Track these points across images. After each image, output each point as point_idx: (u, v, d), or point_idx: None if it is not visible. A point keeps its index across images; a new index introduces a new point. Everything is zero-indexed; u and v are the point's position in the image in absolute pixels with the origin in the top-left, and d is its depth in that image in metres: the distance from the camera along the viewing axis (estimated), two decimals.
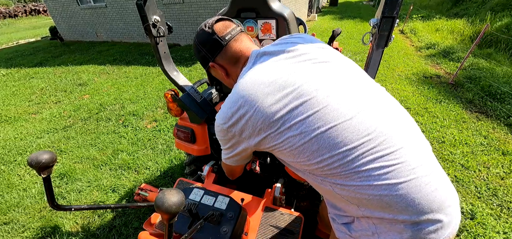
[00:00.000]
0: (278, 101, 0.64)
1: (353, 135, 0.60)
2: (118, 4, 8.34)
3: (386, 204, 0.60)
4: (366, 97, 0.66)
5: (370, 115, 0.62)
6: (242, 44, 0.79)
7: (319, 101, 0.62)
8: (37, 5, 23.85)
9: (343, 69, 0.70)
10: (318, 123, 0.61)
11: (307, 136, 0.62)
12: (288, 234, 1.09)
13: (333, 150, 0.61)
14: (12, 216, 2.13)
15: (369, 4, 17.20)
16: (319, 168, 0.64)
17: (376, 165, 0.59)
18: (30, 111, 4.11)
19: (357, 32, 8.35)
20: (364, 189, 0.60)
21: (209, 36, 0.76)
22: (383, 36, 1.06)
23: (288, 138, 0.64)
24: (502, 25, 6.36)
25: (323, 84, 0.64)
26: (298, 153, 0.65)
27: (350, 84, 0.67)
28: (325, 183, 0.67)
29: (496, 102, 3.48)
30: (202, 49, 0.79)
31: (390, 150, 0.59)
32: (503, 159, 2.54)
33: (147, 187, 1.33)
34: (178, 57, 6.57)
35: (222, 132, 0.74)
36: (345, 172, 0.61)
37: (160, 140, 3.03)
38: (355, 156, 0.60)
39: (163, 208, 0.52)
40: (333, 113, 0.61)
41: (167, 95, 1.41)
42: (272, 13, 1.17)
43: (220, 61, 0.80)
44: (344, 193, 0.64)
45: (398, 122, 0.65)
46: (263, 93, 0.65)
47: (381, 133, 0.60)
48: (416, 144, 0.63)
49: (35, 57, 7.73)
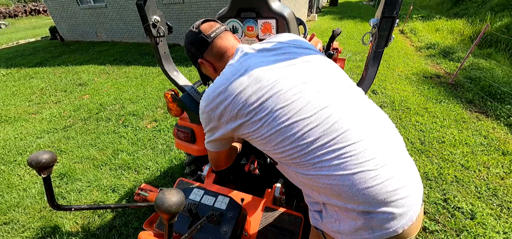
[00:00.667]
0: (253, 93, 0.71)
1: (312, 130, 0.67)
2: (118, 4, 8.34)
3: (337, 193, 0.66)
4: (336, 95, 0.72)
5: (335, 112, 0.68)
6: (227, 41, 0.87)
7: (288, 97, 0.69)
8: (37, 5, 23.85)
9: (321, 70, 0.77)
10: (284, 117, 0.68)
11: (273, 128, 0.70)
12: (288, 234, 1.09)
13: (294, 143, 0.68)
14: (12, 216, 2.13)
15: (369, 4, 17.20)
16: (283, 157, 0.72)
17: (328, 157, 0.66)
18: (30, 111, 4.11)
19: (357, 32, 8.35)
20: (318, 178, 0.67)
21: (196, 35, 0.86)
22: (383, 36, 1.06)
23: (258, 128, 0.72)
24: (502, 25, 6.36)
25: (296, 82, 0.71)
26: (267, 142, 0.72)
27: (323, 82, 0.73)
28: (290, 171, 0.76)
29: (496, 102, 3.48)
30: (191, 48, 0.88)
31: (344, 144, 0.65)
32: (503, 159, 2.54)
33: (147, 187, 1.33)
34: (178, 57, 6.57)
35: (204, 114, 0.81)
36: (303, 162, 0.69)
37: (160, 140, 3.03)
38: (312, 148, 0.67)
39: (163, 208, 0.52)
40: (298, 109, 0.68)
41: (167, 95, 1.41)
42: (272, 13, 1.17)
43: (208, 57, 0.88)
44: (305, 181, 0.72)
45: (361, 118, 0.70)
46: (241, 85, 0.73)
47: (340, 127, 0.66)
48: (376, 139, 0.68)
49: (35, 57, 7.73)
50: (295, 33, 1.24)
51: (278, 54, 0.78)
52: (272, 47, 0.81)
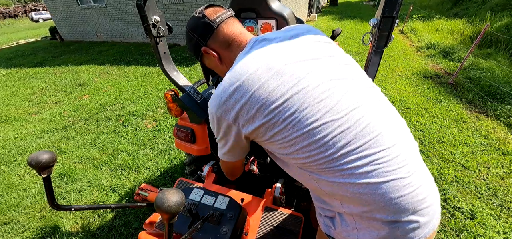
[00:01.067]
0: (275, 89, 0.62)
1: (343, 133, 0.60)
2: (118, 4, 8.34)
3: (366, 202, 0.61)
4: (364, 95, 0.65)
5: (366, 113, 0.62)
6: (234, 27, 0.77)
7: (316, 95, 0.61)
8: (37, 5, 23.87)
9: (346, 66, 0.69)
10: (312, 118, 0.60)
11: (299, 130, 0.61)
12: (288, 234, 1.09)
13: (322, 147, 0.61)
14: (12, 216, 2.13)
15: (369, 4, 17.20)
16: (307, 163, 0.64)
17: (359, 163, 0.60)
18: (30, 111, 4.11)
19: (357, 32, 8.35)
20: (346, 187, 0.61)
21: (199, 20, 0.76)
22: (383, 36, 1.06)
23: (281, 130, 0.63)
24: (502, 25, 6.36)
25: (323, 78, 0.63)
26: (289, 146, 0.64)
27: (351, 81, 0.66)
28: (311, 178, 0.68)
29: (496, 102, 3.48)
30: (194, 35, 0.78)
31: (377, 149, 0.60)
32: (503, 159, 2.54)
33: (147, 187, 1.33)
34: (178, 57, 6.57)
35: (215, 119, 0.70)
36: (330, 168, 0.62)
37: (160, 140, 3.03)
38: (342, 153, 0.60)
39: (163, 208, 0.52)
40: (328, 109, 0.61)
41: (167, 95, 1.41)
42: (272, 13, 1.17)
43: (212, 45, 0.78)
44: (329, 189, 0.65)
45: (390, 121, 0.66)
46: (260, 78, 0.62)
47: (372, 131, 0.61)
48: (404, 144, 0.64)
49: (35, 57, 7.73)
50: None
51: (299, 46, 0.69)
52: (292, 36, 0.71)
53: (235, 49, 0.76)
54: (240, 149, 0.77)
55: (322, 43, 0.72)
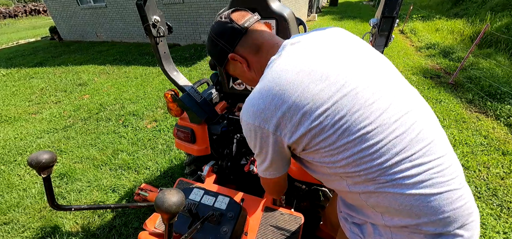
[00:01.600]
0: (321, 90, 0.56)
1: (397, 139, 0.55)
2: (118, 4, 8.34)
3: (415, 214, 0.57)
4: (412, 98, 0.61)
5: (418, 119, 0.58)
6: (263, 31, 0.73)
7: (367, 97, 0.56)
8: (37, 5, 23.86)
9: (386, 67, 0.65)
10: (365, 122, 0.55)
11: (351, 135, 0.56)
12: (288, 234, 1.09)
13: (375, 153, 0.55)
14: (12, 216, 2.13)
15: (369, 4, 17.20)
16: (357, 171, 0.58)
17: (413, 172, 0.55)
18: (30, 111, 4.11)
19: (357, 32, 8.35)
20: (396, 197, 0.57)
21: (226, 24, 0.71)
22: (383, 36, 1.07)
23: (329, 136, 0.57)
24: (502, 25, 6.35)
25: (369, 80, 0.59)
26: (338, 153, 0.58)
27: (396, 82, 0.62)
28: (354, 189, 0.62)
29: (496, 102, 3.48)
30: (220, 41, 0.72)
31: (431, 158, 0.56)
32: (503, 159, 2.54)
33: (147, 187, 1.33)
34: (178, 57, 6.57)
35: (252, 131, 0.64)
36: (381, 178, 0.57)
37: (160, 140, 3.03)
38: (396, 161, 0.55)
39: (163, 208, 0.52)
40: (379, 112, 0.56)
41: (167, 95, 1.41)
42: (272, 13, 1.17)
43: (241, 51, 0.73)
44: (373, 201, 0.60)
45: (438, 128, 0.61)
46: (303, 81, 0.57)
47: (425, 137, 0.57)
48: (453, 154, 0.61)
49: (35, 57, 7.73)
50: (295, 33, 1.24)
51: (337, 46, 0.64)
52: (327, 36, 0.67)
53: (265, 54, 0.72)
54: (283, 161, 0.71)
55: (357, 42, 0.69)
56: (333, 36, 0.68)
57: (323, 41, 0.66)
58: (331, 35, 0.69)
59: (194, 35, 7.68)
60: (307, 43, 0.66)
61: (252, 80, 0.78)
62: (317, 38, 0.67)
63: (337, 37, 0.68)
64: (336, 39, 0.67)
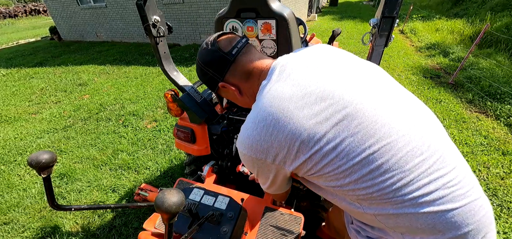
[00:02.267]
0: (317, 114, 0.54)
1: (408, 154, 0.52)
2: (118, 4, 8.34)
3: (439, 230, 0.53)
4: (412, 110, 0.58)
5: (422, 130, 0.55)
6: (252, 56, 0.71)
7: (367, 114, 0.53)
8: (37, 5, 23.86)
9: (382, 79, 0.63)
10: (369, 140, 0.52)
11: (357, 156, 0.52)
12: (288, 234, 1.09)
13: (388, 172, 0.52)
14: (12, 216, 2.13)
15: (369, 4, 17.20)
16: (368, 194, 0.55)
17: (431, 188, 0.52)
18: (30, 111, 4.11)
19: (357, 32, 8.35)
20: (417, 217, 0.53)
21: (214, 53, 0.68)
22: (383, 36, 1.07)
23: (333, 159, 0.54)
24: (502, 25, 6.35)
25: (366, 95, 0.56)
26: (344, 176, 0.55)
27: (394, 95, 0.59)
28: (369, 211, 0.58)
29: (496, 102, 3.48)
30: (208, 70, 0.70)
31: (445, 171, 0.53)
32: (503, 159, 2.54)
33: (147, 187, 1.33)
34: (178, 57, 6.57)
35: (250, 161, 0.63)
36: (397, 198, 0.53)
37: (160, 140, 3.03)
38: (411, 179, 0.52)
39: (163, 208, 0.52)
40: (384, 128, 0.53)
41: (167, 95, 1.41)
42: (272, 13, 1.17)
43: (231, 79, 0.71)
44: (391, 222, 0.56)
45: (446, 137, 0.58)
46: (297, 107, 0.55)
47: (435, 151, 0.54)
48: (464, 163, 0.58)
49: (35, 57, 7.73)
50: (295, 33, 1.24)
51: (327, 64, 0.62)
52: (318, 57, 0.64)
53: (256, 79, 0.70)
54: (285, 181, 0.70)
55: (346, 57, 0.66)
56: (320, 54, 0.66)
57: (312, 60, 0.63)
58: (318, 53, 0.66)
59: (194, 35, 7.68)
60: (296, 64, 0.63)
61: (246, 104, 0.77)
62: (305, 57, 0.65)
63: (325, 55, 0.65)
64: (325, 56, 0.64)
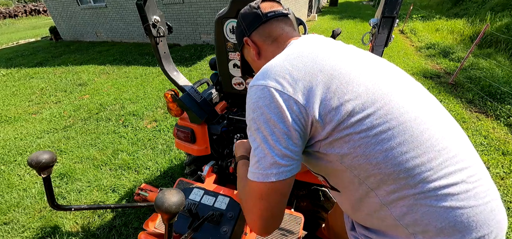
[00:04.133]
0: (359, 75, 0.53)
1: (435, 137, 0.51)
2: (118, 4, 8.34)
3: (458, 230, 0.50)
4: (428, 103, 0.58)
5: (444, 122, 0.55)
6: (285, 25, 0.72)
7: (387, 97, 0.52)
8: (37, 5, 23.86)
9: (396, 70, 0.63)
10: (402, 117, 0.51)
11: (394, 120, 0.50)
12: (288, 234, 1.09)
13: (416, 149, 0.50)
14: (12, 216, 2.13)
15: (369, 4, 17.20)
16: (394, 173, 0.51)
17: (456, 178, 0.49)
18: (30, 111, 4.11)
19: (357, 32, 8.35)
20: (439, 212, 0.49)
21: (252, 9, 0.72)
22: (383, 36, 1.07)
23: (370, 115, 0.51)
24: (502, 25, 6.35)
25: (384, 80, 0.55)
26: (375, 142, 0.51)
27: (410, 86, 0.59)
28: (383, 203, 0.54)
29: (496, 102, 3.48)
30: (242, 23, 0.74)
31: (467, 164, 0.52)
32: (503, 159, 2.54)
33: (147, 187, 1.33)
34: (178, 57, 6.57)
35: (261, 97, 0.53)
36: (423, 186, 0.50)
37: (160, 140, 3.03)
38: (439, 165, 0.49)
39: (163, 208, 0.52)
40: (402, 110, 0.51)
41: (167, 95, 1.41)
42: None
43: (255, 38, 0.72)
44: (409, 218, 0.52)
45: (458, 131, 0.57)
46: (338, 58, 0.55)
47: (458, 141, 0.53)
48: (481, 161, 0.57)
49: (35, 57, 7.73)
50: None
51: (343, 49, 0.63)
52: (334, 43, 0.66)
53: (282, 45, 0.70)
54: (297, 146, 0.61)
55: (364, 51, 0.67)
56: (340, 43, 0.67)
57: (331, 43, 0.65)
58: (339, 43, 0.67)
59: (194, 35, 7.68)
60: (317, 39, 0.65)
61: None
62: (326, 39, 0.66)
63: (344, 45, 0.67)
64: (344, 45, 0.66)
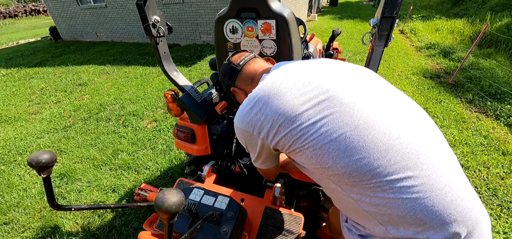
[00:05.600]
0: (302, 94, 0.61)
1: (385, 136, 0.55)
2: (118, 4, 8.34)
3: (421, 221, 0.54)
4: (400, 107, 0.62)
5: (400, 119, 0.59)
6: (256, 64, 0.87)
7: (349, 99, 0.58)
8: (37, 5, 23.84)
9: (370, 77, 0.68)
10: (347, 119, 0.56)
11: (334, 132, 0.56)
12: (288, 234, 1.09)
13: (363, 151, 0.55)
14: (12, 216, 2.13)
15: (369, 4, 17.19)
16: (346, 174, 0.57)
17: (412, 173, 0.53)
18: (30, 111, 4.11)
19: (357, 32, 8.34)
20: (396, 203, 0.54)
21: (227, 66, 0.90)
22: (383, 36, 1.06)
23: (312, 134, 0.58)
24: (502, 25, 6.35)
25: (352, 86, 0.62)
26: (322, 153, 0.58)
27: (379, 89, 0.65)
28: (350, 196, 0.61)
29: (496, 102, 3.48)
30: (225, 79, 0.91)
31: (423, 158, 0.55)
32: (503, 159, 2.54)
33: (147, 187, 1.33)
34: (178, 57, 6.57)
35: (241, 133, 0.73)
36: (377, 182, 0.55)
37: (160, 140, 3.03)
38: (389, 161, 0.54)
39: (163, 208, 0.52)
40: (363, 111, 0.57)
41: (167, 95, 1.41)
42: (272, 13, 1.17)
43: (239, 84, 0.88)
44: (372, 209, 0.58)
45: (427, 129, 0.61)
46: (284, 87, 0.64)
47: (412, 142, 0.56)
48: (446, 150, 0.60)
49: (35, 57, 7.73)
50: (295, 33, 1.24)
51: (319, 64, 0.71)
52: (313, 61, 0.75)
53: (258, 82, 0.82)
54: (272, 157, 0.79)
55: (345, 64, 0.73)
56: (319, 60, 0.76)
57: (309, 62, 0.74)
58: (317, 60, 0.76)
59: (194, 35, 7.67)
60: (295, 64, 0.74)
61: None
62: (305, 62, 0.76)
63: (324, 61, 0.75)
64: (323, 61, 0.74)
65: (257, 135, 0.68)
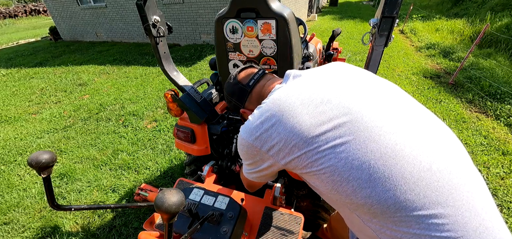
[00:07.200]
0: (320, 114, 0.55)
1: (415, 168, 0.49)
2: (118, 4, 8.34)
3: None
4: (424, 124, 0.56)
5: (430, 146, 0.52)
6: (266, 81, 0.81)
7: (374, 123, 0.52)
8: (37, 5, 23.84)
9: (389, 91, 0.63)
10: (372, 146, 0.50)
11: (356, 159, 0.51)
12: (288, 234, 1.09)
13: (389, 183, 0.49)
14: (12, 216, 2.13)
15: (369, 4, 17.19)
16: (367, 204, 0.52)
17: (443, 210, 0.48)
18: (30, 111, 4.11)
19: (357, 32, 8.34)
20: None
21: (235, 86, 0.82)
22: (383, 36, 1.06)
23: (330, 158, 0.53)
24: (502, 25, 6.35)
25: (377, 106, 0.56)
26: (341, 180, 0.53)
27: (406, 109, 0.58)
28: (367, 225, 0.56)
29: (496, 102, 3.48)
30: (232, 99, 0.85)
31: (456, 194, 0.49)
32: (503, 159, 2.54)
33: (147, 187, 1.33)
34: (178, 57, 6.57)
35: (246, 147, 0.67)
36: (402, 216, 0.49)
37: (160, 140, 3.03)
38: (418, 195, 0.48)
39: (163, 208, 0.52)
40: (391, 137, 0.51)
41: (167, 95, 1.41)
42: (272, 13, 1.17)
43: (249, 106, 0.82)
44: None
45: (458, 157, 0.54)
46: (300, 104, 0.58)
47: (444, 174, 0.50)
48: (479, 183, 0.53)
49: (35, 57, 7.73)
50: (295, 33, 1.24)
51: (339, 76, 0.64)
52: (328, 70, 0.68)
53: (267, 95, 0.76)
54: (267, 175, 0.73)
55: (361, 72, 0.68)
56: (335, 68, 0.69)
57: (325, 73, 0.67)
58: (333, 68, 0.70)
59: (194, 35, 7.67)
60: (309, 75, 0.67)
61: None
62: (319, 71, 0.69)
63: (339, 69, 0.68)
64: (338, 70, 0.68)
65: (265, 152, 0.63)
